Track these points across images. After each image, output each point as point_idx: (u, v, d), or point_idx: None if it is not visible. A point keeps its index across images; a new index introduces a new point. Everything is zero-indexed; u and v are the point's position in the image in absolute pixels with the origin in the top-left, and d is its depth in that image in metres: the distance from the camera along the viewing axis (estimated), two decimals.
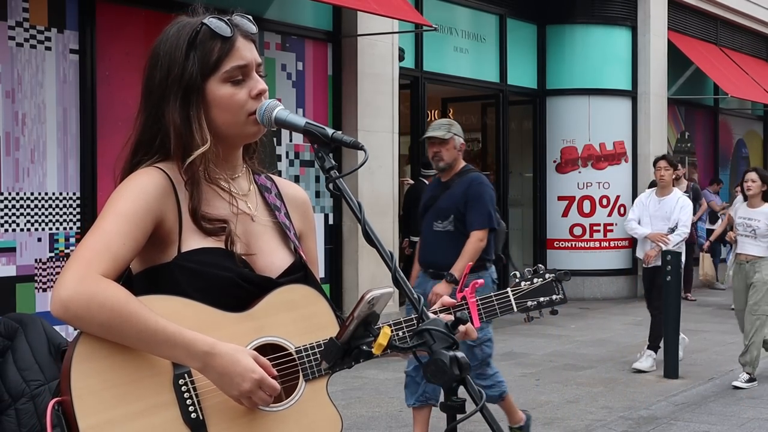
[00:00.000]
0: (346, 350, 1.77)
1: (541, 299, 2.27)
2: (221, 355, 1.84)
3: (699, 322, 11.54)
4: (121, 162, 2.08)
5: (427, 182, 10.76)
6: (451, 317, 2.00)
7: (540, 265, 2.33)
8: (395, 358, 2.13)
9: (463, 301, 2.18)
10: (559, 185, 13.79)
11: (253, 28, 2.05)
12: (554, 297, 2.29)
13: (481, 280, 2.25)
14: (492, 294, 2.23)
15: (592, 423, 6.65)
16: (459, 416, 1.74)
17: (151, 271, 1.98)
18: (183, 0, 8.07)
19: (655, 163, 8.90)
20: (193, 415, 1.87)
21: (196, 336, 1.85)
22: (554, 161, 13.87)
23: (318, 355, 1.97)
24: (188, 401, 1.87)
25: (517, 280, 2.28)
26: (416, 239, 10.61)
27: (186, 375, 1.88)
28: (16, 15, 6.93)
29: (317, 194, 9.48)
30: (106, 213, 1.92)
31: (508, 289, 2.25)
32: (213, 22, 2.00)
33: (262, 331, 1.96)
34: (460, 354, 1.70)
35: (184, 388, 1.87)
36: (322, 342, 1.96)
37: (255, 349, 1.93)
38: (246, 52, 2.01)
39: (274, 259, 2.06)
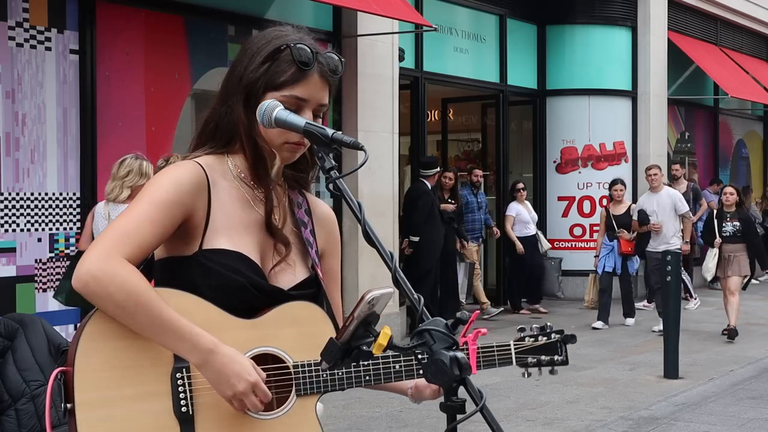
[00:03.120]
0: (346, 350, 1.77)
1: (543, 357, 2.30)
2: (222, 355, 1.90)
3: (699, 322, 11.54)
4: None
5: (427, 182, 10.78)
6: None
7: (549, 324, 2.36)
8: None
9: (465, 347, 2.21)
10: (559, 185, 13.79)
11: (336, 72, 2.09)
12: (556, 357, 2.32)
13: (485, 330, 2.29)
14: (494, 344, 2.27)
15: (592, 423, 6.65)
16: (459, 416, 1.74)
17: (172, 260, 2.04)
18: (182, 0, 8.08)
19: None
20: (183, 409, 1.93)
21: (203, 333, 1.91)
22: (554, 161, 13.87)
23: (314, 374, 2.03)
24: (181, 395, 1.93)
25: (521, 335, 2.32)
26: (416, 239, 10.67)
27: (184, 370, 1.93)
28: (16, 15, 6.93)
29: (317, 194, 9.38)
30: (140, 199, 1.98)
31: (511, 342, 2.30)
32: (298, 49, 2.04)
33: (264, 340, 2.01)
34: (460, 354, 1.70)
35: (180, 382, 1.93)
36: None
37: (254, 357, 1.99)
38: (313, 89, 2.05)
39: (288, 271, 2.11)
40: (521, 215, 12.31)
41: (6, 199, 6.84)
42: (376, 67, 9.70)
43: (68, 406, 1.88)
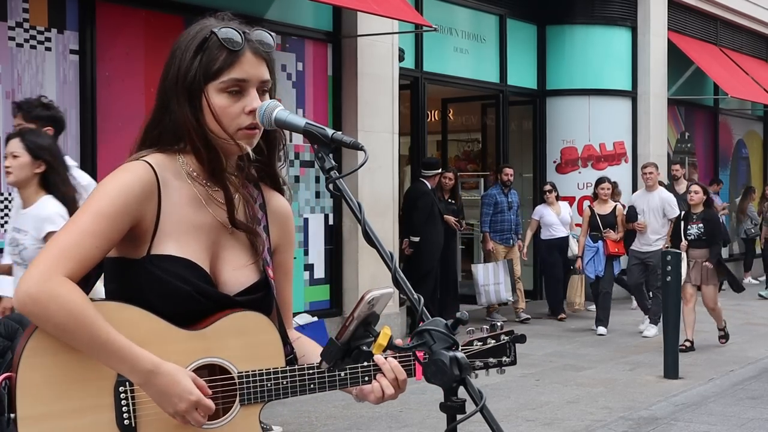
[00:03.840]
0: (346, 351, 1.77)
1: (491, 360, 2.25)
2: (163, 375, 1.90)
3: (699, 321, 11.51)
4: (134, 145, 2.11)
5: (427, 183, 10.78)
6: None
7: (498, 323, 2.30)
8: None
9: (411, 352, 2.11)
10: (559, 185, 13.75)
11: (268, 45, 2.06)
12: (504, 359, 2.26)
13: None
14: None
15: (592, 423, 6.65)
16: (459, 416, 1.74)
17: (122, 260, 2.01)
18: (182, 0, 8.07)
19: None
20: (126, 422, 1.93)
21: (143, 354, 1.90)
22: (554, 161, 13.87)
23: (257, 383, 2.02)
24: (124, 408, 1.93)
25: (470, 338, 2.25)
26: (416, 239, 10.66)
27: (127, 383, 1.93)
28: (16, 15, 6.93)
29: (317, 194, 9.48)
30: (85, 209, 1.94)
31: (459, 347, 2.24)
32: (223, 32, 2.02)
33: (209, 351, 2.00)
34: (460, 354, 1.70)
35: (123, 395, 1.93)
36: (264, 370, 2.02)
37: (200, 367, 1.98)
38: (249, 67, 2.02)
39: (238, 274, 2.08)
40: (545, 218, 12.13)
41: (6, 199, 6.84)
42: (376, 67, 9.70)
43: (11, 416, 1.87)
